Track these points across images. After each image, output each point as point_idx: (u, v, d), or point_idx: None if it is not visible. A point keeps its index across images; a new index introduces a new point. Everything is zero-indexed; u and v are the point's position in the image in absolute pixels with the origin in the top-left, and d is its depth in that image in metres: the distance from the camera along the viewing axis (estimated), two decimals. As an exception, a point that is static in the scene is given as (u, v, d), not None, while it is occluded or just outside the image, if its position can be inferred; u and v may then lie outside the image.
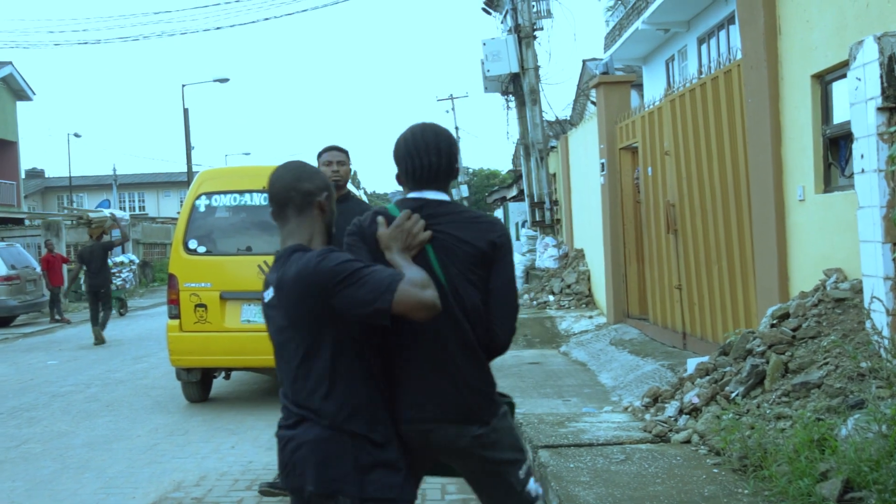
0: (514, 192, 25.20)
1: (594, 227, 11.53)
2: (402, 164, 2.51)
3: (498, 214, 31.16)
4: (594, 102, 13.92)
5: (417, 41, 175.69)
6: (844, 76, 4.71)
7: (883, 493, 3.13)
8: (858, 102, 4.32)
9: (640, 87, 19.51)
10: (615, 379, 7.58)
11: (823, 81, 5.39)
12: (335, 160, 4.58)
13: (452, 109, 60.58)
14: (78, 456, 6.14)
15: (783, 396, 4.40)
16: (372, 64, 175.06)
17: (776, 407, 4.33)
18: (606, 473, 4.17)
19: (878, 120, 4.17)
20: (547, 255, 14.69)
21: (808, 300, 5.07)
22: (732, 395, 4.74)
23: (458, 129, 52.83)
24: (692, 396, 4.97)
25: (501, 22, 16.85)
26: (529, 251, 16.32)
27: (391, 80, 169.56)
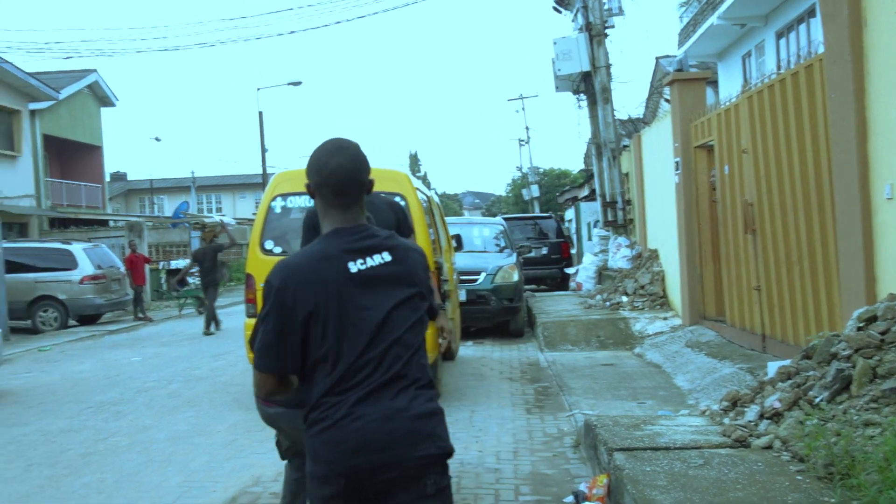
0: (585, 191, 24.96)
1: (668, 226, 11.34)
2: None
3: (569, 214, 30.88)
4: (668, 100, 13.70)
5: (487, 42, 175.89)
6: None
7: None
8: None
9: (715, 84, 19.11)
10: (691, 382, 7.44)
11: (913, 75, 5.19)
12: None
13: (522, 109, 60.53)
14: (162, 449, 6.35)
15: (871, 402, 4.24)
16: (442, 65, 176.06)
17: (864, 413, 4.18)
18: (684, 478, 4.10)
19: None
20: (620, 255, 14.51)
21: (896, 302, 4.87)
22: (816, 399, 4.59)
23: (527, 128, 52.69)
24: (774, 401, 4.84)
25: (572, 20, 16.72)
26: (602, 251, 16.14)
27: (461, 80, 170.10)
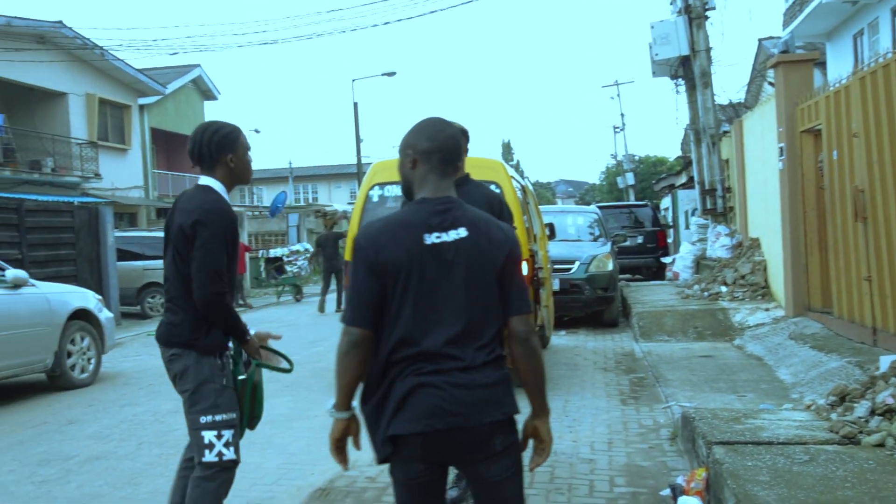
0: (682, 179, 24.33)
1: (771, 214, 10.93)
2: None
3: (666, 202, 30.19)
4: (772, 83, 13.19)
5: (582, 27, 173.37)
6: None
7: None
8: None
9: (822, 65, 18.23)
10: (795, 375, 7.17)
11: None
12: None
13: (618, 96, 59.64)
14: (262, 433, 6.49)
15: None
16: (535, 52, 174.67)
17: None
18: (788, 474, 3.95)
19: None
20: (719, 244, 14.07)
21: None
22: (933, 396, 4.36)
23: (623, 115, 51.77)
24: (886, 396, 4.61)
25: (670, 3, 16.27)
26: (700, 240, 15.69)
27: (555, 67, 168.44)
